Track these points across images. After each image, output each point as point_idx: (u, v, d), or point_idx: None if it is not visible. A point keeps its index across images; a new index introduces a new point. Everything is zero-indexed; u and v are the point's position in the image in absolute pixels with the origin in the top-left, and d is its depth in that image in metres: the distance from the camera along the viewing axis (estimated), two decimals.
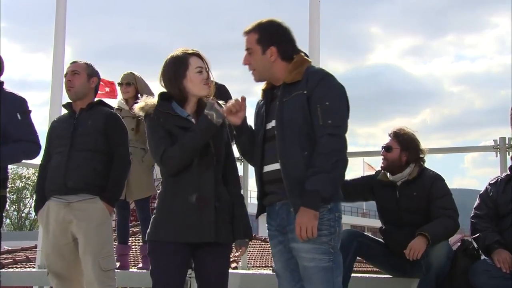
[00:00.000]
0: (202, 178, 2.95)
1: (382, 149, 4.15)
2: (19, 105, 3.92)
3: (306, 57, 2.99)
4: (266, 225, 3.03)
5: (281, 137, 2.84)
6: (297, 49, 3.00)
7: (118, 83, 5.46)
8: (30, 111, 3.94)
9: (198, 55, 3.07)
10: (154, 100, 3.06)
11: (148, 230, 3.01)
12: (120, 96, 5.58)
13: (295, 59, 2.93)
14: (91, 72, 3.86)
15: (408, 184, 4.05)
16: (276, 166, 2.87)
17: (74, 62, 3.90)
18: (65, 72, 3.89)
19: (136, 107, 3.06)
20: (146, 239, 3.04)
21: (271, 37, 2.94)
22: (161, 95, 3.06)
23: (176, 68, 3.02)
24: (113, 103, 5.13)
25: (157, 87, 3.15)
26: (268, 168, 2.93)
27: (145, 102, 3.04)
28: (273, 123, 2.92)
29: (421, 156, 4.10)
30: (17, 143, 3.76)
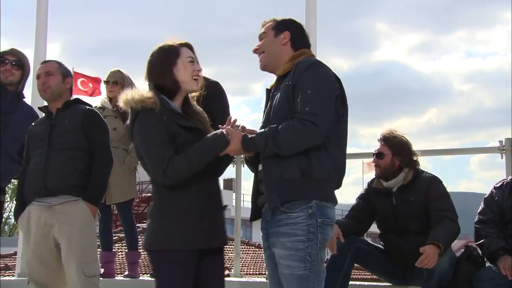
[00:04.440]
0: (213, 180, 2.94)
1: (373, 155, 4.17)
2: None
3: (310, 51, 3.04)
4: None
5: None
6: (308, 44, 3.09)
7: (104, 81, 5.42)
8: None
9: (189, 46, 3.01)
10: (147, 93, 2.84)
11: (155, 239, 2.83)
12: (103, 94, 5.55)
13: (296, 53, 3.00)
14: (64, 72, 3.88)
15: (404, 189, 4.07)
16: None
17: (45, 62, 3.94)
18: (37, 74, 3.87)
19: (128, 100, 2.83)
20: (154, 248, 2.83)
21: (286, 25, 3.06)
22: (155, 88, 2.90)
23: (167, 57, 2.92)
24: (93, 100, 5.11)
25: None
26: (260, 166, 2.93)
27: (141, 95, 2.82)
28: None
29: (414, 159, 4.13)
30: None
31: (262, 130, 2.80)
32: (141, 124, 2.81)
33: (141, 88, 2.95)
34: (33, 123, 3.99)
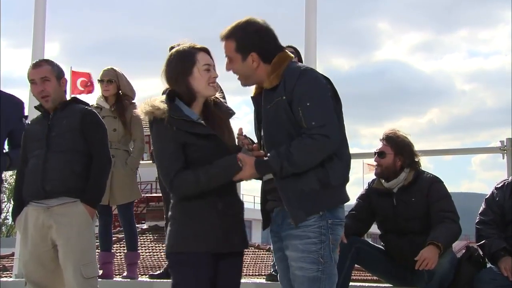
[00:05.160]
0: (227, 185, 2.92)
1: (375, 155, 4.17)
2: (22, 109, 4.13)
3: (287, 53, 2.97)
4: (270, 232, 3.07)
5: (270, 146, 2.86)
6: (279, 46, 2.97)
7: (98, 80, 5.37)
8: (27, 116, 4.17)
9: (206, 51, 3.00)
10: (162, 103, 2.88)
11: (173, 241, 2.90)
12: (98, 93, 5.51)
13: (273, 61, 2.91)
14: (58, 74, 3.80)
15: (405, 190, 4.07)
16: (271, 175, 2.88)
17: (37, 67, 3.79)
18: (30, 78, 3.77)
19: (142, 111, 2.90)
20: (172, 250, 2.90)
21: (250, 43, 2.90)
22: (168, 95, 2.95)
23: (183, 64, 2.92)
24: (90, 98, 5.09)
25: (151, 84, 3.05)
26: (266, 177, 2.94)
27: (152, 105, 2.86)
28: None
29: (415, 160, 4.13)
30: (18, 149, 3.95)
31: (273, 152, 2.77)
32: (153, 134, 2.92)
33: (141, 87, 2.97)
34: (29, 122, 3.98)
